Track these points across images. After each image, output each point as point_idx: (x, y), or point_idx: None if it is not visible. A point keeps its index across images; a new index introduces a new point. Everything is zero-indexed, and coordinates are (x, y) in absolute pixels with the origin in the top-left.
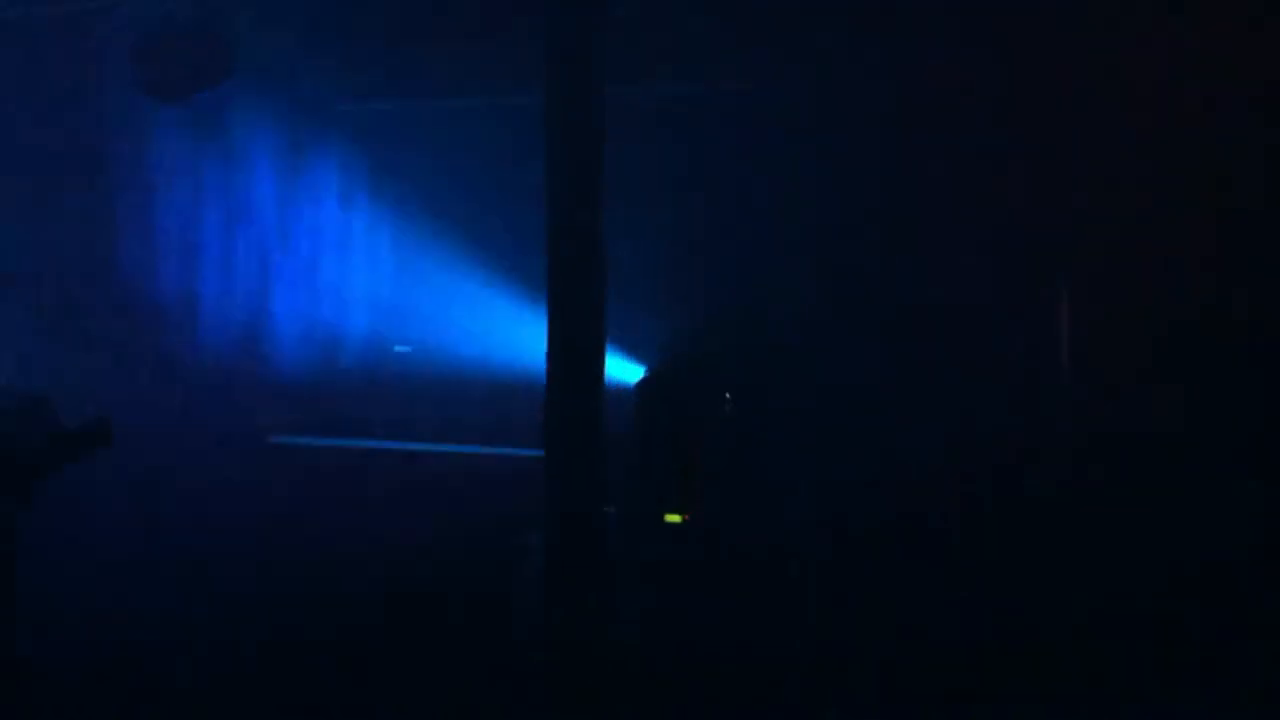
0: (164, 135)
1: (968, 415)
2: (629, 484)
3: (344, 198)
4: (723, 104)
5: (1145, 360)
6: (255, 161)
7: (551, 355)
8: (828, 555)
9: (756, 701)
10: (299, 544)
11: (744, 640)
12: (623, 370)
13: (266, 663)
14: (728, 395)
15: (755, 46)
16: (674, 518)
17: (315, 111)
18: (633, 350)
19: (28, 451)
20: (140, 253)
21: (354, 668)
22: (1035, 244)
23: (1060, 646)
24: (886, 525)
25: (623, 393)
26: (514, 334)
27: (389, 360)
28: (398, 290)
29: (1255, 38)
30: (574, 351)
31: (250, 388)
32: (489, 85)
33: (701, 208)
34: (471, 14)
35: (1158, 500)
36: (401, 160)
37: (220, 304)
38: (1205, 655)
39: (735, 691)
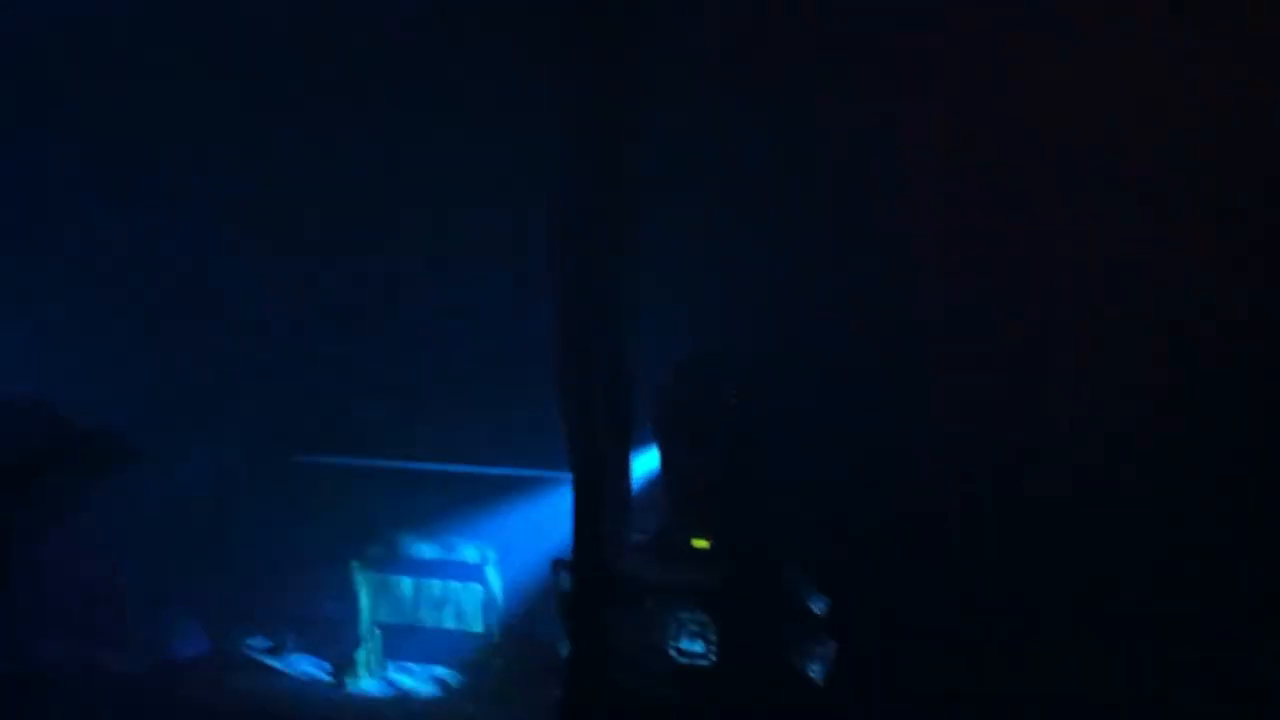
0: None
1: (968, 415)
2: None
3: None
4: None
5: (1145, 360)
6: None
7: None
8: (828, 555)
9: (756, 701)
10: None
11: (745, 641)
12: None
13: None
14: (734, 391)
15: (760, 57)
16: (701, 543)
17: None
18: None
19: (26, 450)
20: None
21: None
22: (1035, 244)
23: (1060, 646)
24: (886, 525)
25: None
26: None
27: None
28: None
29: (1256, 37)
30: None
31: None
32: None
33: (701, 208)
34: None
35: (1157, 500)
36: None
37: None
38: (1205, 655)
39: (738, 694)
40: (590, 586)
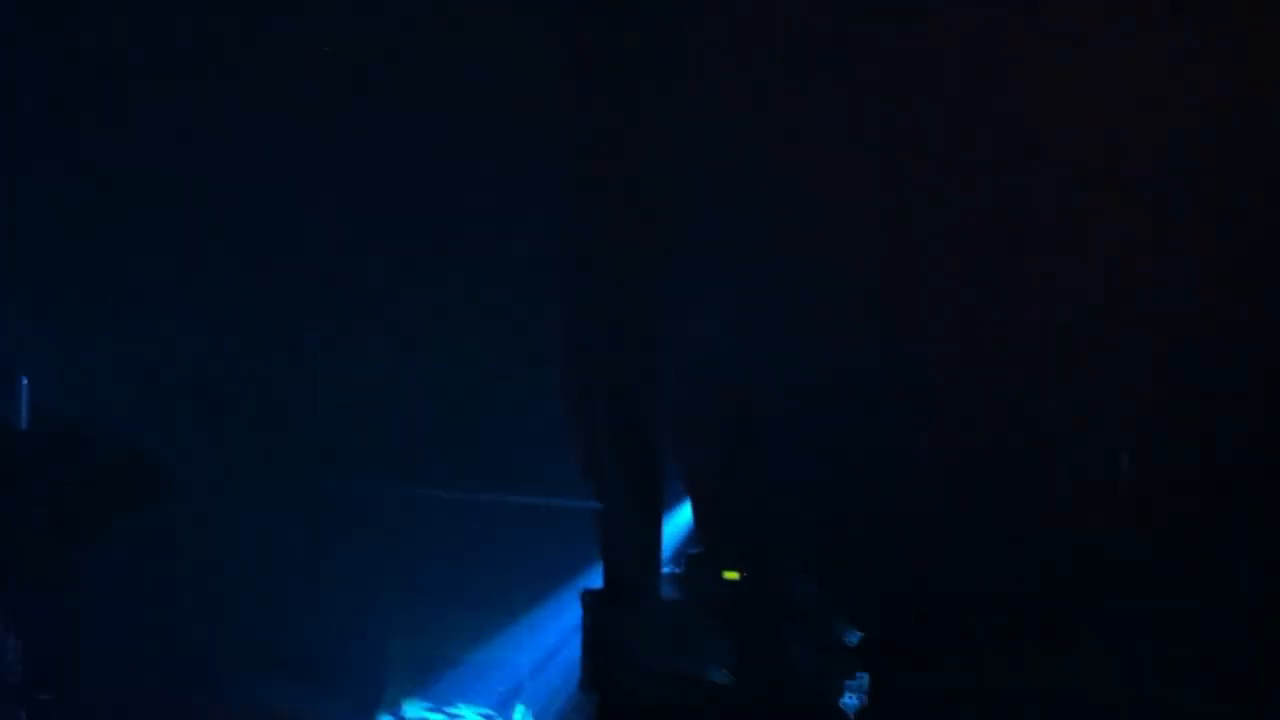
0: None
1: (968, 415)
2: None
3: None
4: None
5: (1145, 360)
6: None
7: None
8: (828, 555)
9: (758, 701)
10: None
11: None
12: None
13: None
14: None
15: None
16: (732, 575)
17: None
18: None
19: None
20: None
21: None
22: (1035, 244)
23: (1060, 646)
24: (886, 525)
25: None
26: None
27: None
28: None
29: (1256, 37)
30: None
31: None
32: None
33: (702, 212)
34: None
35: (1157, 500)
36: None
37: None
38: (1205, 655)
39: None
40: (600, 597)
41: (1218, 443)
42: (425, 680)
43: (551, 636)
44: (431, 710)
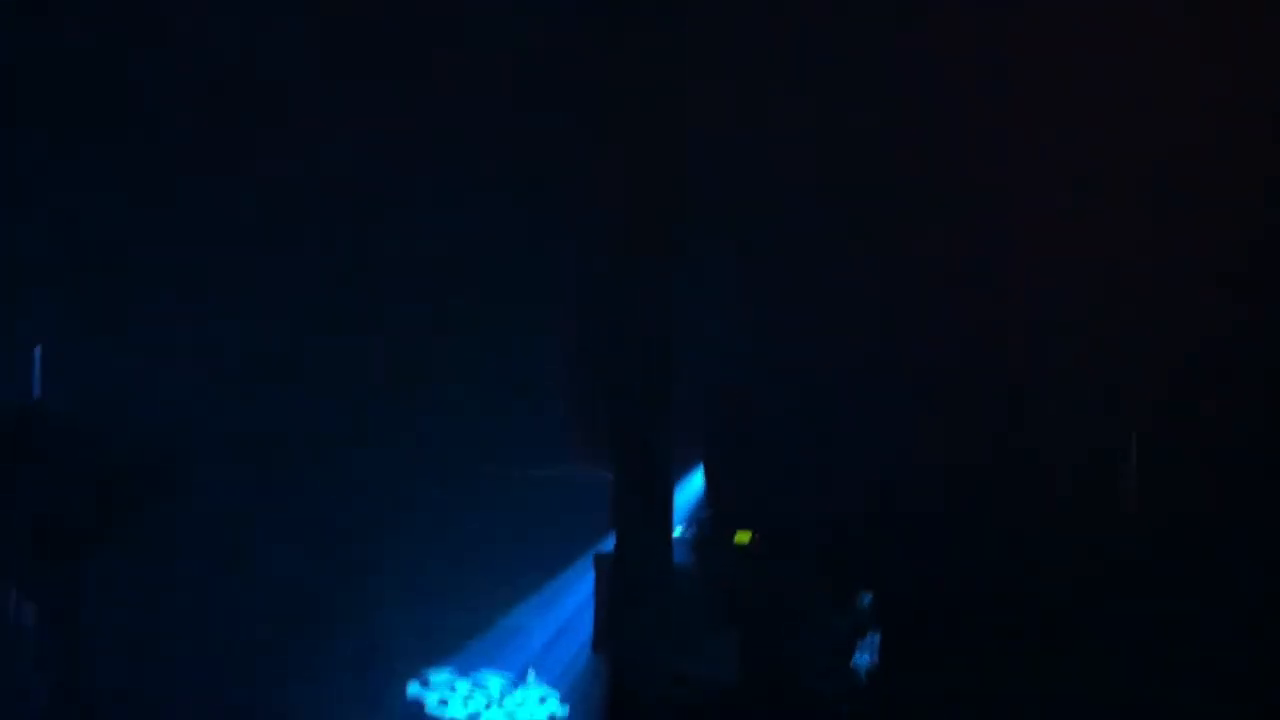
0: None
1: (969, 415)
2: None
3: None
4: None
5: (1144, 360)
6: None
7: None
8: (828, 554)
9: (759, 700)
10: None
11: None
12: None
13: None
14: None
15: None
16: (744, 537)
17: None
18: None
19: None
20: None
21: None
22: (1035, 244)
23: (1060, 646)
24: (886, 524)
25: None
26: None
27: None
28: None
29: (1257, 37)
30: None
31: None
32: None
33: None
34: None
35: (1156, 500)
36: None
37: None
38: (1205, 655)
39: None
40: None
41: (1218, 443)
42: (439, 651)
43: (567, 607)
44: (456, 677)
